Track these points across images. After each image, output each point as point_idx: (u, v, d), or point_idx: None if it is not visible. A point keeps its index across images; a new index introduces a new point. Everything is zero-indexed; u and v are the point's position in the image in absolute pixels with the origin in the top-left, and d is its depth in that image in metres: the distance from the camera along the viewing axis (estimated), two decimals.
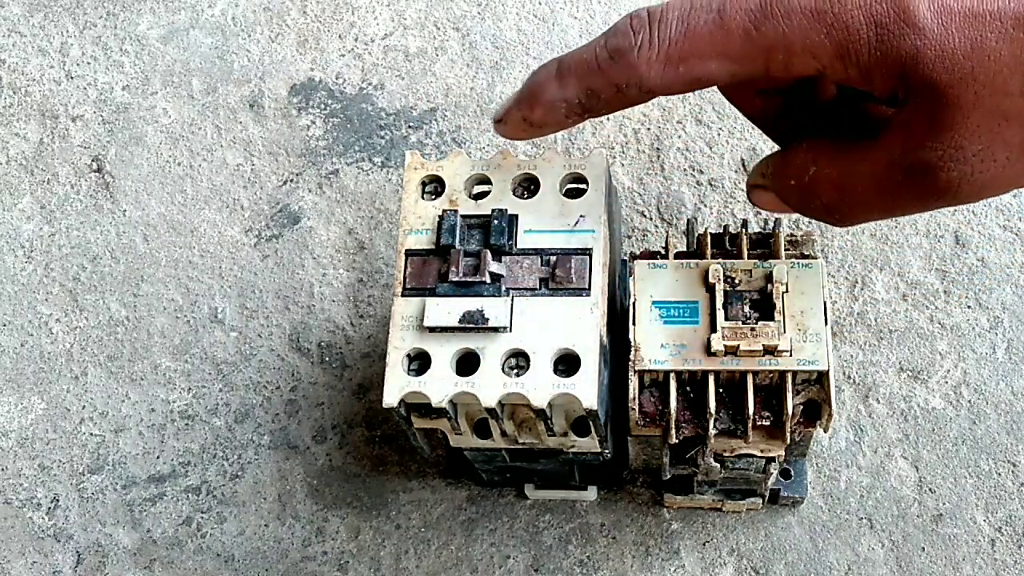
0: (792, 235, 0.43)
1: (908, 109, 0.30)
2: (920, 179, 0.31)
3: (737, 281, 0.42)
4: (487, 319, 0.39)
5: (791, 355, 0.40)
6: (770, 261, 0.42)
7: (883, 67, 0.30)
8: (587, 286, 0.40)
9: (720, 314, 0.41)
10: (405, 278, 0.41)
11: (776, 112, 0.37)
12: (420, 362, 0.40)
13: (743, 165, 0.58)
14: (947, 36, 0.29)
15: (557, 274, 0.40)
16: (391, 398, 0.39)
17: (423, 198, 0.43)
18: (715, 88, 0.53)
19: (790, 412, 0.40)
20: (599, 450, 0.43)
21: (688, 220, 0.46)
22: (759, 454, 0.42)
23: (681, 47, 0.31)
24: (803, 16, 0.30)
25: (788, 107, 0.37)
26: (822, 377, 0.40)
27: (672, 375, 0.41)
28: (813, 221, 0.56)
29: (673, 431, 0.41)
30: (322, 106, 0.62)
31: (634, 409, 0.41)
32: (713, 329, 0.40)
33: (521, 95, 0.35)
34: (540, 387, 0.38)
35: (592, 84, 0.33)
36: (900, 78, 0.30)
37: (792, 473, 0.49)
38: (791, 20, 0.30)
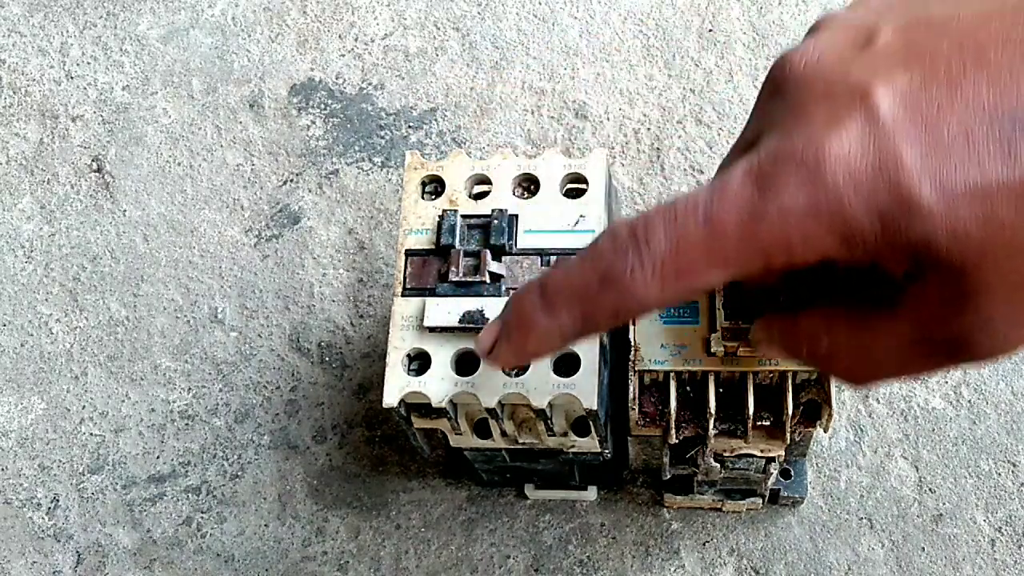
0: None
1: (928, 285, 0.29)
2: (949, 350, 0.29)
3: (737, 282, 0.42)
4: (487, 319, 0.39)
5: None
6: None
7: (893, 252, 0.28)
8: None
9: (720, 314, 0.41)
10: (405, 278, 0.41)
11: (778, 283, 0.36)
12: (420, 362, 0.40)
13: None
14: (955, 215, 0.27)
15: None
16: (391, 398, 0.39)
17: (423, 198, 0.43)
18: (715, 88, 0.53)
19: (790, 412, 0.40)
20: (599, 450, 0.43)
21: None
22: (759, 454, 0.42)
23: (675, 263, 0.29)
24: (799, 216, 0.28)
25: (796, 278, 0.35)
26: (822, 377, 0.40)
27: (672, 375, 0.41)
28: None
29: (673, 431, 0.41)
30: (322, 106, 0.62)
31: (634, 409, 0.41)
32: (713, 329, 0.40)
33: (509, 327, 0.33)
34: (540, 387, 0.38)
35: (585, 311, 0.31)
36: (913, 261, 0.28)
37: (792, 473, 0.49)
38: (787, 220, 0.28)
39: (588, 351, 0.39)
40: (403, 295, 0.41)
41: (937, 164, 0.27)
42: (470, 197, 0.42)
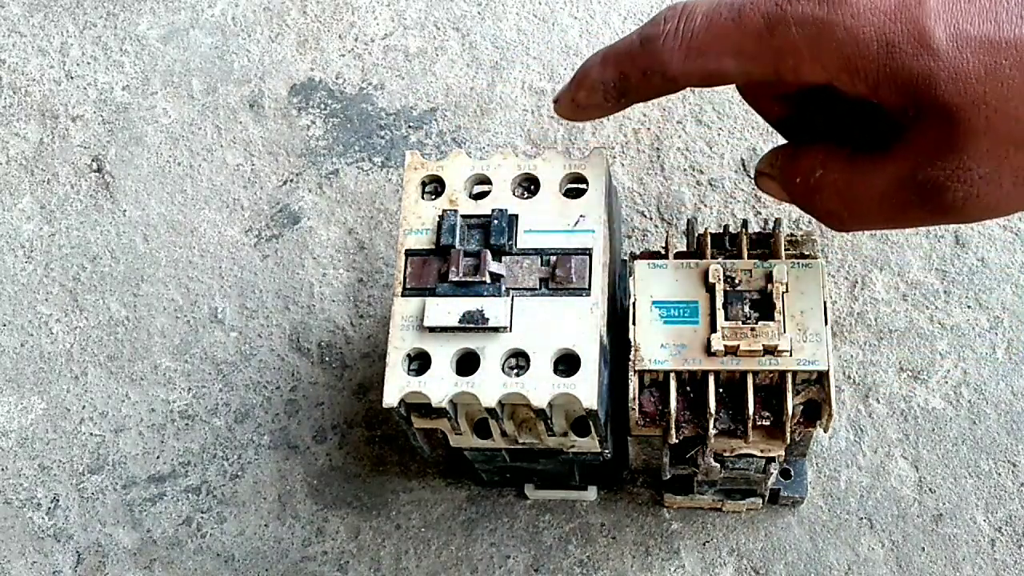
0: (792, 235, 0.43)
1: (918, 127, 0.31)
2: (925, 196, 0.31)
3: (737, 281, 0.42)
4: (487, 319, 0.39)
5: (791, 355, 0.40)
6: (770, 261, 0.42)
7: (892, 84, 0.30)
8: (587, 286, 0.40)
9: (720, 314, 0.41)
10: (405, 278, 0.41)
11: (792, 116, 0.38)
12: (420, 362, 0.40)
13: (743, 165, 0.58)
14: (962, 60, 0.29)
15: (557, 274, 0.40)
16: (391, 398, 0.39)
17: (423, 198, 0.43)
18: (715, 88, 0.53)
19: (790, 412, 0.40)
20: (599, 450, 0.43)
21: (688, 220, 0.46)
22: (759, 454, 0.42)
23: (701, 40, 0.33)
24: (814, 25, 0.30)
25: (804, 112, 0.37)
26: (822, 377, 0.40)
27: (672, 375, 0.41)
28: (813, 221, 0.56)
29: (673, 431, 0.41)
30: (322, 106, 0.62)
31: (634, 409, 0.41)
32: (713, 329, 0.40)
33: (572, 78, 0.38)
34: (540, 387, 0.38)
35: (624, 68, 0.35)
36: (910, 96, 0.30)
37: (792, 473, 0.49)
38: (803, 28, 0.30)
39: (588, 351, 0.39)
40: (403, 295, 0.41)
41: (956, 10, 0.29)
42: (470, 197, 0.42)
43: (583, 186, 0.42)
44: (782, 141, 0.39)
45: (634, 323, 0.41)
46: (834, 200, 0.34)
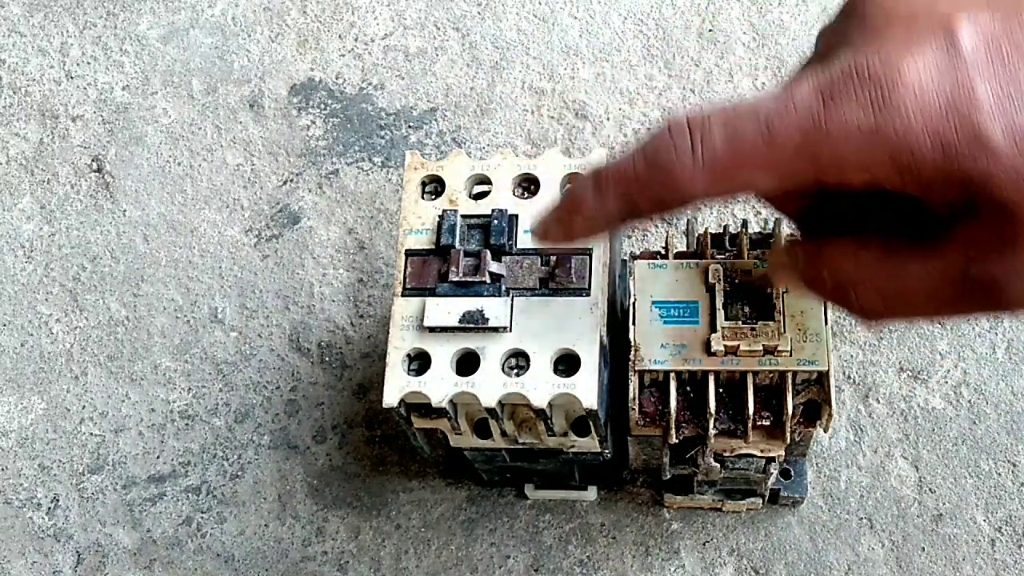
0: (792, 235, 0.43)
1: (971, 222, 0.29)
2: (982, 292, 0.29)
3: (737, 281, 0.42)
4: (487, 319, 0.39)
5: (791, 355, 0.40)
6: None
7: (946, 184, 0.28)
8: (587, 286, 0.40)
9: (720, 314, 0.41)
10: (405, 278, 0.41)
11: (812, 208, 0.35)
12: (420, 362, 0.40)
13: None
14: (1020, 158, 0.27)
15: (557, 274, 0.40)
16: (391, 398, 0.39)
17: (423, 198, 0.43)
18: (715, 88, 0.53)
19: (790, 412, 0.40)
20: (599, 450, 0.43)
21: (688, 220, 0.46)
22: (759, 454, 0.42)
23: (726, 159, 0.29)
24: (861, 135, 0.28)
25: (826, 203, 0.34)
26: (822, 377, 0.40)
27: (672, 375, 0.41)
28: None
29: (673, 431, 0.41)
30: (322, 106, 0.62)
31: (634, 409, 0.41)
32: (713, 329, 0.40)
33: (560, 207, 0.34)
34: (540, 387, 0.38)
35: (631, 196, 0.31)
36: (965, 194, 0.28)
37: (792, 473, 0.49)
38: (848, 139, 0.28)
39: (588, 351, 0.39)
40: (403, 295, 0.41)
41: (1011, 106, 0.27)
42: (470, 197, 0.42)
43: None
44: None
45: (634, 323, 0.41)
46: (872, 297, 0.32)
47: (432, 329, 0.40)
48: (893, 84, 0.27)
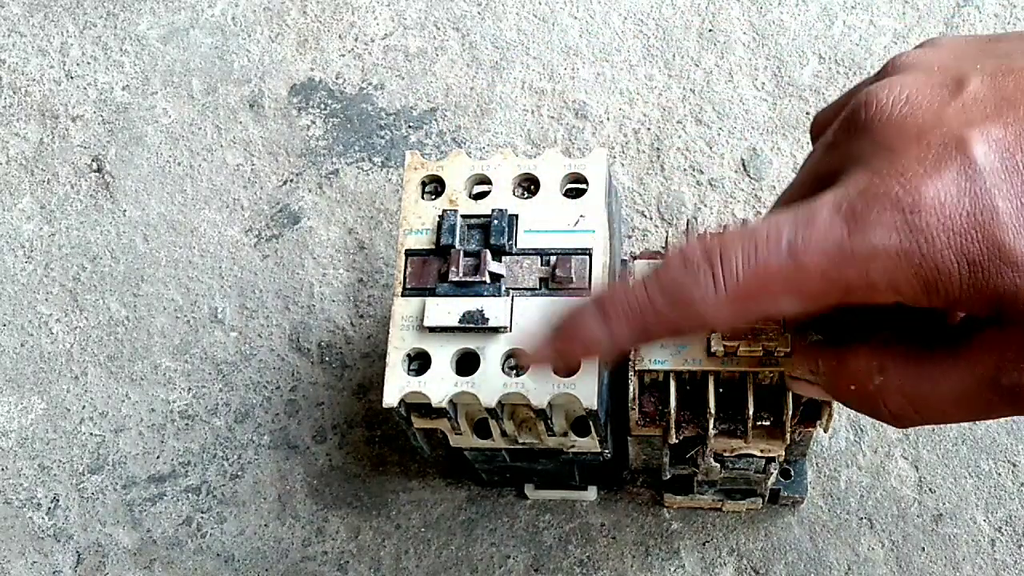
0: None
1: (999, 330, 0.29)
2: (1012, 398, 0.29)
3: None
4: (487, 319, 0.39)
5: (791, 355, 0.40)
6: None
7: (975, 300, 0.28)
8: (587, 286, 0.40)
9: None
10: (405, 278, 0.41)
11: (833, 315, 0.34)
12: (420, 362, 0.40)
13: (743, 165, 0.58)
14: None
15: (557, 274, 0.40)
16: (391, 398, 0.39)
17: (423, 198, 0.43)
18: (715, 88, 0.53)
19: (790, 412, 0.40)
20: (599, 450, 0.43)
21: (688, 220, 0.46)
22: (759, 454, 0.42)
23: (749, 288, 0.29)
24: (888, 258, 0.28)
25: (848, 311, 0.33)
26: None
27: (672, 375, 0.41)
28: None
29: (673, 431, 0.41)
30: (322, 106, 0.62)
31: (634, 409, 0.41)
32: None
33: (559, 331, 0.33)
34: (540, 387, 0.38)
35: (646, 326, 0.30)
36: (994, 310, 0.28)
37: (792, 473, 0.49)
38: (876, 262, 0.28)
39: None
40: (403, 295, 0.41)
41: None
42: (470, 197, 0.42)
43: (583, 186, 0.42)
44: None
45: None
46: (901, 404, 0.31)
47: (432, 329, 0.40)
48: (916, 207, 0.27)
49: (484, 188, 0.43)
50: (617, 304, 0.31)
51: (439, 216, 0.41)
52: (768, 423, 0.41)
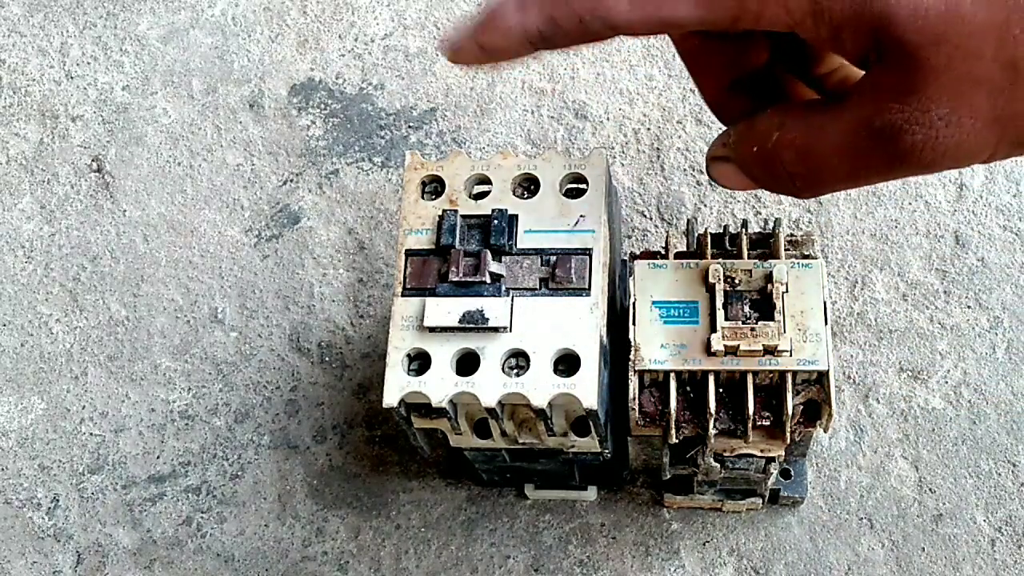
0: (792, 235, 0.43)
1: (877, 71, 0.30)
2: (885, 142, 0.30)
3: (737, 281, 0.42)
4: (487, 319, 0.39)
5: (791, 355, 0.40)
6: (770, 261, 0.42)
7: (855, 26, 0.29)
8: (587, 286, 0.40)
9: (720, 314, 0.41)
10: (405, 278, 0.41)
11: (740, 100, 0.36)
12: (420, 362, 0.40)
13: None
14: None
15: (557, 274, 0.40)
16: (391, 398, 0.39)
17: (423, 198, 0.43)
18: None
19: (790, 412, 0.40)
20: (599, 450, 0.43)
21: (688, 220, 0.46)
22: (759, 454, 0.42)
23: None
24: None
25: (752, 93, 0.36)
26: (822, 377, 0.40)
27: (672, 375, 0.41)
28: (813, 220, 0.56)
29: (673, 431, 0.41)
30: (322, 106, 0.62)
31: (634, 409, 0.41)
32: (713, 329, 0.40)
33: (478, 21, 0.34)
34: (540, 387, 0.38)
35: (555, 12, 0.32)
36: (872, 39, 0.29)
37: (792, 473, 0.49)
38: None
39: (588, 351, 0.39)
40: (403, 295, 0.41)
41: None
42: (470, 197, 0.42)
43: (583, 186, 0.42)
44: None
45: (634, 323, 0.41)
46: (794, 159, 0.33)
47: (432, 329, 0.40)
48: None
49: (484, 188, 0.43)
50: None
51: (439, 216, 0.41)
52: (768, 423, 0.41)
